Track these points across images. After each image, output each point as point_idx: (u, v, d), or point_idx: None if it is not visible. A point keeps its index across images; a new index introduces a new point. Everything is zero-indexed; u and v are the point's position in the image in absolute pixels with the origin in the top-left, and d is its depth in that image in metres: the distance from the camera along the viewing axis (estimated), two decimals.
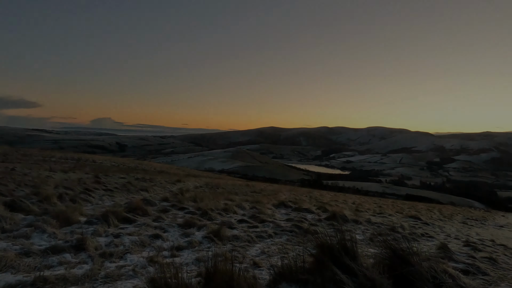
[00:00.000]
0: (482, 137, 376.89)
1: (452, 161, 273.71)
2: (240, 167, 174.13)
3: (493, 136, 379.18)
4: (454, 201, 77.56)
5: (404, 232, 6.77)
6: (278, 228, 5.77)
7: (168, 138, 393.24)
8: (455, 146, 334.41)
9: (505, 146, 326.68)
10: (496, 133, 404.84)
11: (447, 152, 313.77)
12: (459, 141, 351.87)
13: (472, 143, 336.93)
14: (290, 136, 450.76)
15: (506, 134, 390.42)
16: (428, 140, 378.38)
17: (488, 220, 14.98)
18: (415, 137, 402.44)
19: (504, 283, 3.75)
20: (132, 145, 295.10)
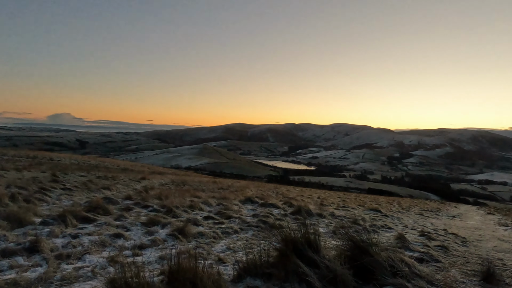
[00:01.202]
0: (437, 134, 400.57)
1: (410, 156, 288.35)
2: (207, 164, 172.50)
3: (447, 133, 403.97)
4: (412, 194, 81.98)
5: (365, 224, 7.05)
6: (244, 224, 5.79)
7: (132, 134, 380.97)
8: (413, 142, 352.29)
9: (457, 141, 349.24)
10: (450, 130, 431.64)
11: (406, 148, 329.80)
12: (417, 137, 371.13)
13: (428, 139, 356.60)
14: (258, 133, 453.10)
15: (458, 131, 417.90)
16: (389, 136, 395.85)
17: (442, 211, 15.96)
18: (377, 133, 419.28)
19: (454, 268, 4.02)
20: (93, 142, 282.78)
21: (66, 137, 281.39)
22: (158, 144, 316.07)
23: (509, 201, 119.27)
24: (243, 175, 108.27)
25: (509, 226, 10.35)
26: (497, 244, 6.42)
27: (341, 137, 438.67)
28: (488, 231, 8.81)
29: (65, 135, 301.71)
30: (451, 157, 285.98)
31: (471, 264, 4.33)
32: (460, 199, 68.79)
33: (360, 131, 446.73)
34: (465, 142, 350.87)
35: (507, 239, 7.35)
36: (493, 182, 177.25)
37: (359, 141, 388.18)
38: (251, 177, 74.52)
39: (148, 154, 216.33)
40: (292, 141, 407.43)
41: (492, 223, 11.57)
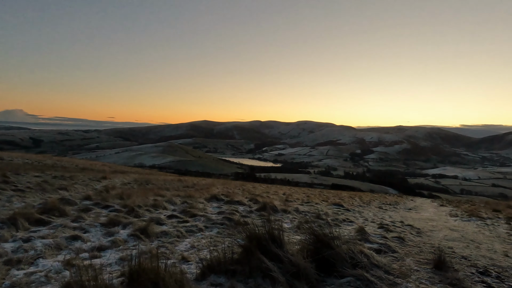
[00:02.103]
0: (395, 131, 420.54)
1: (371, 153, 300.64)
2: (172, 162, 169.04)
3: (404, 130, 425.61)
4: (373, 189, 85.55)
5: (328, 219, 7.26)
6: (209, 222, 5.75)
7: (92, 132, 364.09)
8: (374, 139, 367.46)
9: (414, 138, 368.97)
10: (407, 127, 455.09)
11: (367, 144, 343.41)
12: (377, 134, 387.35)
13: (387, 136, 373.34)
14: (224, 130, 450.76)
15: (414, 128, 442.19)
16: (351, 133, 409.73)
17: (399, 204, 16.81)
18: (340, 131, 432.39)
19: (409, 258, 4.25)
20: (49, 140, 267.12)
21: (19, 135, 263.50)
22: (120, 142, 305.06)
23: (460, 193, 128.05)
24: (209, 173, 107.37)
25: (459, 217, 11.11)
26: (448, 233, 6.87)
27: (306, 134, 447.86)
28: (440, 222, 9.40)
29: (17, 133, 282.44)
30: (408, 153, 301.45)
31: (424, 253, 4.60)
32: (416, 193, 72.92)
33: (324, 129, 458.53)
34: (420, 139, 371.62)
35: (457, 228, 7.89)
36: (445, 176, 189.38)
37: (323, 138, 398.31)
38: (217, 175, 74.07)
39: (109, 153, 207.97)
40: (258, 139, 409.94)
41: (444, 214, 12.35)
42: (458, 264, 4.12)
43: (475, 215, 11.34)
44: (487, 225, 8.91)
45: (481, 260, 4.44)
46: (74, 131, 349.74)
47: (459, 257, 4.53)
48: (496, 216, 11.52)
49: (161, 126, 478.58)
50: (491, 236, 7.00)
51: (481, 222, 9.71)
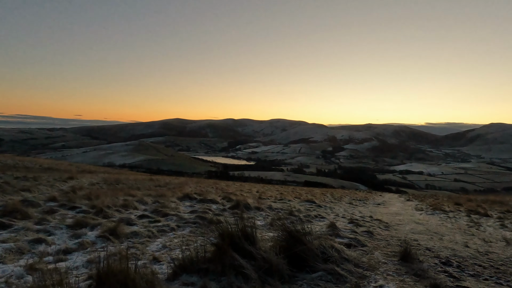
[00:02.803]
0: (365, 129, 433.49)
1: (342, 150, 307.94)
2: (143, 161, 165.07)
3: (373, 128, 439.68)
4: (344, 185, 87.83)
5: (300, 215, 7.37)
6: (182, 221, 5.67)
7: (57, 130, 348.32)
8: (345, 136, 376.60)
9: (382, 136, 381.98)
10: (376, 125, 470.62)
11: (338, 142, 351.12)
12: (348, 132, 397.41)
13: (357, 134, 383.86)
14: (197, 128, 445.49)
15: (382, 126, 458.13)
16: (323, 131, 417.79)
17: (369, 199, 17.35)
18: (312, 128, 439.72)
19: (377, 251, 4.40)
20: (10, 139, 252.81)
21: None
22: (89, 141, 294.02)
23: (425, 188, 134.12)
24: (182, 171, 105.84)
25: (424, 211, 11.63)
26: (414, 226, 7.18)
27: (279, 132, 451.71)
28: (407, 215, 9.80)
29: None
30: (377, 150, 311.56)
31: (392, 246, 4.78)
32: (385, 188, 75.63)
33: (296, 127, 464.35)
34: (388, 136, 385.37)
35: (422, 222, 8.26)
36: (412, 172, 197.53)
37: (296, 136, 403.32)
38: (190, 174, 73.16)
39: (76, 152, 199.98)
40: (232, 137, 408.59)
41: (410, 208, 12.89)
42: (422, 255, 4.31)
43: (438, 209, 11.92)
44: (449, 218, 9.39)
45: (443, 251, 4.68)
46: (38, 129, 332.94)
47: (423, 248, 4.75)
48: (458, 209, 12.18)
49: (132, 124, 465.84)
50: (453, 228, 7.38)
51: (444, 215, 10.22)
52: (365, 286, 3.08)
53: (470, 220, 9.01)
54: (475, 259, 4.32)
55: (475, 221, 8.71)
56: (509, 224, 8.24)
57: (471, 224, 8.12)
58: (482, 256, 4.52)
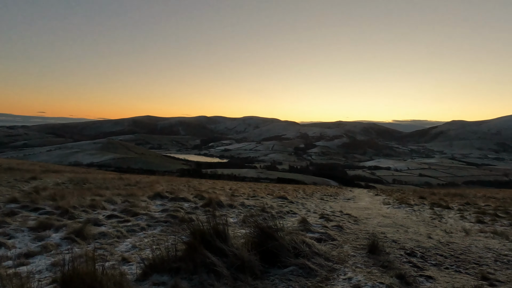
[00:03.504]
0: (336, 126, 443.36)
1: (314, 147, 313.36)
2: (113, 160, 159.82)
3: (344, 125, 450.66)
4: (316, 181, 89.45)
5: (273, 212, 7.44)
6: (153, 220, 5.56)
7: (18, 128, 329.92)
8: (316, 133, 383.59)
9: (352, 133, 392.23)
10: (346, 122, 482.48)
11: (310, 139, 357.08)
12: (319, 129, 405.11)
13: (328, 131, 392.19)
14: (168, 126, 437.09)
15: (352, 123, 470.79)
16: (295, 128, 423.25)
17: (339, 195, 17.80)
18: (285, 126, 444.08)
19: (347, 244, 4.53)
20: None
21: None
22: (53, 139, 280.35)
23: (392, 183, 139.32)
24: (153, 170, 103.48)
25: (391, 205, 12.09)
26: (381, 220, 7.45)
27: (252, 129, 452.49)
28: (375, 210, 10.15)
29: None
30: (347, 146, 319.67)
31: (360, 239, 4.94)
32: (355, 184, 77.82)
33: (269, 124, 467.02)
34: (358, 133, 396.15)
35: (389, 215, 8.59)
36: (380, 167, 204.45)
37: (268, 133, 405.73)
38: (162, 172, 71.68)
39: (40, 151, 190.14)
40: (204, 134, 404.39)
41: (378, 203, 13.36)
42: (389, 247, 4.49)
43: (404, 203, 12.43)
44: (414, 211, 9.83)
45: (408, 242, 4.89)
46: None
47: (390, 241, 4.94)
48: (422, 202, 12.76)
49: (100, 122, 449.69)
50: (417, 220, 7.73)
51: (409, 208, 10.68)
52: (334, 278, 3.16)
53: (433, 212, 9.47)
54: (437, 250, 4.55)
55: (438, 214, 9.17)
56: (468, 216, 8.74)
57: (434, 217, 8.54)
58: (444, 246, 4.77)
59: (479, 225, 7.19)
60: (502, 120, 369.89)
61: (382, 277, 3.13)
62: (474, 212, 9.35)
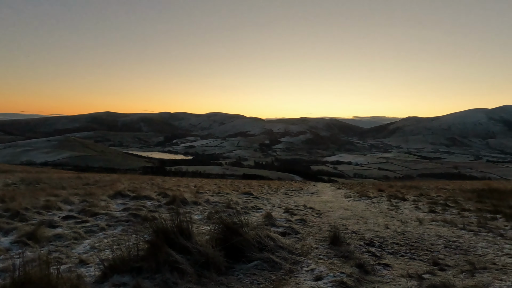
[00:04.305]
0: (300, 122, 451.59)
1: (278, 143, 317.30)
2: (70, 158, 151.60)
3: (308, 121, 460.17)
4: (281, 177, 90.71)
5: (238, 207, 7.45)
6: (113, 220, 5.36)
7: None
8: (281, 129, 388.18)
9: (315, 129, 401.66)
10: (309, 119, 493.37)
11: (275, 135, 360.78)
12: (284, 126, 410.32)
13: (293, 127, 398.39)
14: (130, 122, 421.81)
15: (315, 119, 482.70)
16: (260, 124, 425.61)
17: (303, 189, 18.20)
18: (250, 122, 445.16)
19: (310, 237, 4.65)
20: None
21: None
22: (1, 137, 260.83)
23: (353, 177, 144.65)
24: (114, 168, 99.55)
25: (352, 198, 12.56)
26: (343, 212, 7.72)
27: (217, 126, 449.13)
28: (337, 203, 10.49)
29: None
30: (310, 142, 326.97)
31: (323, 231, 5.09)
32: (318, 178, 79.95)
33: (234, 120, 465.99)
34: (321, 129, 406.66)
35: (350, 208, 8.92)
36: (342, 162, 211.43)
37: (234, 129, 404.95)
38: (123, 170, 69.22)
39: None
40: (168, 131, 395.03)
41: (340, 196, 13.82)
42: (350, 238, 4.66)
43: (364, 195, 12.97)
44: (373, 203, 10.28)
45: (368, 233, 5.12)
46: None
47: (350, 232, 5.14)
48: (380, 195, 13.37)
49: (54, 118, 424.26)
50: (376, 212, 8.10)
51: (369, 201, 11.15)
52: (298, 271, 3.23)
53: (390, 204, 9.97)
54: (394, 239, 4.80)
55: (395, 205, 9.66)
56: (422, 206, 9.29)
57: (392, 208, 8.99)
58: (400, 236, 5.04)
59: (432, 214, 7.67)
60: (452, 117, 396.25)
61: (343, 267, 3.25)
62: (427, 203, 9.95)
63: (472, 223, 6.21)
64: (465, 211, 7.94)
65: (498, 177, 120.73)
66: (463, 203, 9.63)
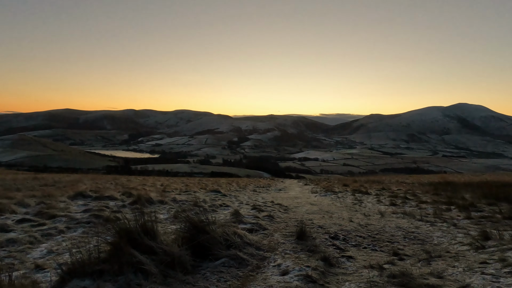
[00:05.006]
0: (268, 119, 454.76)
1: (247, 140, 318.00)
2: (26, 158, 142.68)
3: (275, 118, 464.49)
4: (249, 174, 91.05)
5: (205, 205, 7.39)
6: (73, 222, 5.11)
7: None
8: (249, 127, 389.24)
9: (283, 126, 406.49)
10: (277, 116, 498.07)
11: (243, 132, 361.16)
12: (252, 123, 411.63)
13: (261, 124, 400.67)
14: (92, 120, 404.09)
15: (283, 117, 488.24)
16: (228, 122, 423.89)
17: (271, 186, 18.39)
18: (218, 119, 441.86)
19: (277, 233, 4.70)
20: None
21: None
22: None
23: (320, 173, 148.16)
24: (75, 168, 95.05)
25: (318, 193, 12.86)
26: (309, 208, 7.89)
27: (184, 123, 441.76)
28: (304, 198, 10.70)
29: None
30: (278, 139, 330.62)
31: (290, 227, 5.17)
32: (286, 175, 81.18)
33: (202, 118, 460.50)
34: (288, 126, 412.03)
35: (316, 203, 9.13)
36: (309, 158, 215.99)
37: (201, 127, 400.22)
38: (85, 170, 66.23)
39: None
40: (133, 129, 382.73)
41: (307, 192, 14.11)
42: (316, 233, 4.77)
43: (330, 191, 13.33)
44: (339, 198, 10.60)
45: (333, 227, 5.26)
46: None
47: (316, 226, 5.26)
48: (345, 189, 13.81)
49: (8, 116, 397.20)
50: (341, 206, 8.35)
51: (334, 195, 11.48)
52: (265, 266, 3.26)
53: (354, 198, 10.32)
54: (357, 231, 4.97)
55: (359, 199, 10.02)
56: (383, 200, 9.70)
57: (355, 202, 9.32)
58: (363, 228, 5.24)
59: (392, 207, 8.03)
60: (411, 114, 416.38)
61: (308, 261, 3.32)
62: (388, 196, 10.41)
63: (429, 214, 6.57)
64: (422, 203, 8.38)
65: (452, 170, 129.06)
66: (421, 195, 10.17)
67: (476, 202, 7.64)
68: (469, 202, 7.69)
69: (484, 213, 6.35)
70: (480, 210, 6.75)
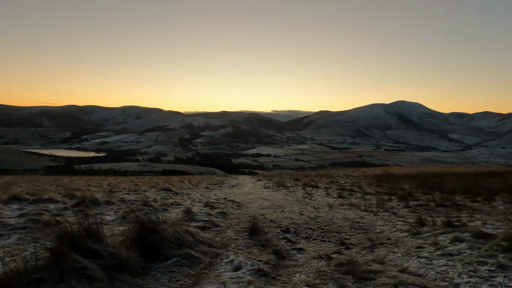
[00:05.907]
0: (220, 116, 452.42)
1: (199, 137, 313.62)
2: None
3: (228, 115, 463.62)
4: (202, 171, 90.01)
5: (156, 205, 7.17)
6: (6, 228, 4.66)
7: None
8: (201, 123, 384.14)
9: (235, 122, 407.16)
10: (230, 112, 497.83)
11: (195, 129, 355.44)
12: (204, 119, 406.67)
13: (213, 121, 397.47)
14: (28, 116, 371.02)
15: (236, 113, 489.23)
16: (180, 118, 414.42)
17: (224, 183, 18.34)
18: (169, 116, 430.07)
19: (230, 229, 4.71)
20: None
21: None
22: None
23: (272, 168, 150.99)
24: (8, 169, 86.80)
25: (270, 188, 13.09)
26: (262, 203, 8.00)
27: (133, 120, 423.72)
28: (256, 194, 10.83)
29: None
30: (231, 136, 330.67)
31: (242, 223, 5.20)
32: (239, 171, 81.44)
33: (152, 114, 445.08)
34: (241, 123, 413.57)
35: (268, 198, 9.29)
36: (261, 154, 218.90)
37: (151, 124, 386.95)
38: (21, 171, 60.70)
39: None
40: (76, 126, 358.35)
41: (260, 187, 14.29)
42: (268, 227, 4.86)
43: (282, 185, 13.64)
44: (290, 192, 10.89)
45: (284, 221, 5.39)
46: None
47: (269, 221, 5.36)
48: (296, 184, 14.23)
49: None
50: (292, 200, 8.59)
51: (286, 190, 11.77)
52: (218, 263, 3.25)
53: (305, 192, 10.67)
54: (307, 224, 5.15)
55: (309, 193, 10.38)
56: (332, 192, 10.15)
57: (306, 196, 9.64)
58: (312, 221, 5.44)
59: (340, 199, 8.44)
60: (357, 111, 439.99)
61: (260, 255, 3.37)
62: (336, 189, 10.92)
63: (372, 205, 7.01)
64: (367, 195, 8.92)
65: (393, 163, 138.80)
66: (366, 187, 10.82)
67: (413, 192, 8.32)
68: (407, 192, 8.34)
69: (421, 202, 6.93)
70: (417, 199, 7.35)
